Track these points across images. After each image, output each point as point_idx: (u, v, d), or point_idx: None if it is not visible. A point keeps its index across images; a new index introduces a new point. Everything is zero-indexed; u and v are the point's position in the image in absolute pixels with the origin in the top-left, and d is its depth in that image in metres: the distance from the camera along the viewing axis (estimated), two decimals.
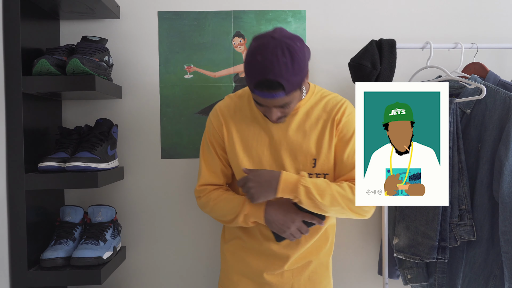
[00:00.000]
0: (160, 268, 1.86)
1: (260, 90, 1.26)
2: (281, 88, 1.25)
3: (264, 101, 1.30)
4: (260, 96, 1.28)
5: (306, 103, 1.45)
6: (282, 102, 1.30)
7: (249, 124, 1.46)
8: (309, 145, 1.43)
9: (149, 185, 1.84)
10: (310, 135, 1.43)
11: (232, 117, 1.46)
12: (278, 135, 1.43)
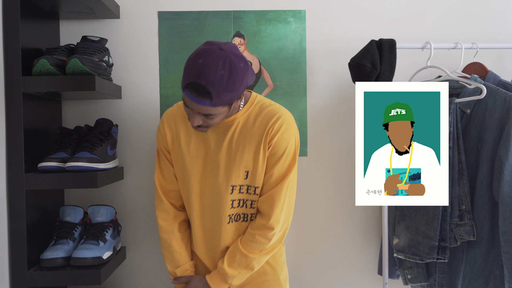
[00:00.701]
0: (160, 268, 1.86)
1: (189, 92, 1.26)
2: (208, 97, 1.24)
3: (189, 103, 1.29)
4: (187, 97, 1.28)
5: (244, 114, 1.43)
6: (206, 112, 1.29)
7: (191, 133, 1.47)
8: (242, 157, 1.42)
9: (149, 185, 1.84)
10: (245, 147, 1.42)
11: (177, 125, 1.49)
12: (216, 144, 1.44)
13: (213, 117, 1.31)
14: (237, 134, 1.42)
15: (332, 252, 1.88)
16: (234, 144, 1.43)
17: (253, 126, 1.42)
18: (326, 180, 1.87)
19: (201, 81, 1.23)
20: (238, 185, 1.43)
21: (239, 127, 1.43)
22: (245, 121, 1.43)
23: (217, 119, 1.34)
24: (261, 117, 1.42)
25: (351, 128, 1.80)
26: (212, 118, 1.32)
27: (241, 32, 1.84)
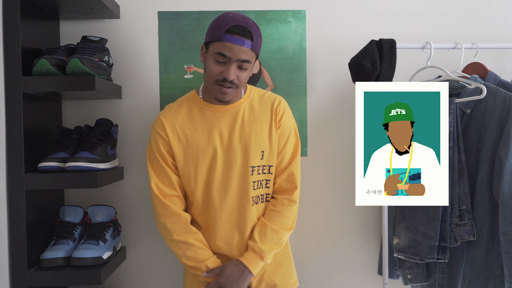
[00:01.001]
0: (160, 268, 1.86)
1: (231, 34, 1.34)
2: (250, 37, 1.36)
3: (230, 49, 1.35)
4: (230, 41, 1.35)
5: (246, 100, 1.53)
6: (244, 56, 1.37)
7: (197, 126, 1.49)
8: (257, 138, 1.49)
9: (149, 185, 1.84)
10: (257, 128, 1.50)
11: (178, 123, 1.50)
12: (228, 130, 1.49)
13: (245, 70, 1.41)
14: (247, 117, 1.50)
15: (332, 252, 1.88)
16: (246, 126, 1.49)
17: (260, 109, 1.52)
18: (326, 180, 1.87)
19: (242, 23, 1.35)
20: (256, 165, 1.49)
21: (246, 111, 1.51)
22: (249, 105, 1.52)
23: (247, 75, 1.43)
24: (264, 100, 1.53)
25: (351, 128, 1.80)
26: (244, 70, 1.41)
27: None
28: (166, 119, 1.50)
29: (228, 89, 1.41)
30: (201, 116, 1.50)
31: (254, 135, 1.48)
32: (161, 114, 1.52)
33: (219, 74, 1.40)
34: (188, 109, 1.52)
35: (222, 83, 1.40)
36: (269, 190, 1.54)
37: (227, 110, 1.50)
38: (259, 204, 1.53)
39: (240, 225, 1.50)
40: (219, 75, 1.40)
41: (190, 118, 1.50)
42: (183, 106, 1.53)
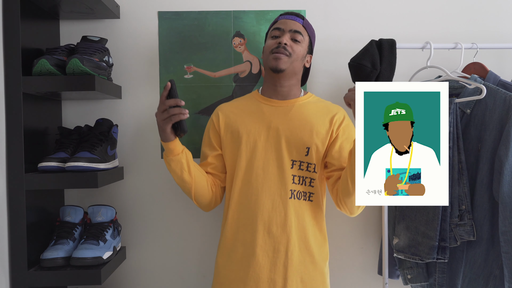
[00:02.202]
0: (160, 268, 1.86)
1: (284, 14, 1.58)
2: (301, 17, 1.57)
3: (283, 23, 1.54)
4: (282, 19, 1.56)
5: (304, 100, 1.58)
6: (296, 28, 1.53)
7: (250, 115, 1.56)
8: (303, 134, 1.51)
9: (149, 185, 1.84)
10: (306, 125, 1.52)
11: (231, 111, 1.59)
12: (277, 122, 1.53)
13: (299, 43, 1.53)
14: (298, 114, 1.54)
15: (332, 252, 1.88)
16: (296, 122, 1.52)
17: (315, 109, 1.56)
18: None
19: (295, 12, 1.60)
20: (298, 160, 1.50)
21: (300, 108, 1.55)
22: (305, 104, 1.57)
23: (300, 49, 1.53)
24: (323, 104, 1.59)
25: None
26: (297, 43, 1.53)
27: (241, 32, 1.84)
28: (221, 108, 1.63)
29: (281, 54, 1.49)
30: (256, 108, 1.57)
31: (301, 130, 1.51)
32: (219, 105, 1.65)
33: (274, 43, 1.52)
34: (245, 102, 1.62)
35: (276, 50, 1.51)
36: (313, 189, 1.54)
37: (282, 104, 1.56)
38: (300, 201, 1.52)
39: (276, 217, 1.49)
40: (274, 44, 1.52)
41: (245, 108, 1.59)
42: (242, 99, 1.65)
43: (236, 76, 1.85)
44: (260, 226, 1.48)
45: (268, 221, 1.49)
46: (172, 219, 1.85)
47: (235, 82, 1.85)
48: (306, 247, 1.52)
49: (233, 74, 1.85)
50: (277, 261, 1.47)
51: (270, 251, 1.48)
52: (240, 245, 1.51)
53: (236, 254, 1.51)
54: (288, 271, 1.47)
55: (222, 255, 1.55)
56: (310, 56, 1.63)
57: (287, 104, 1.56)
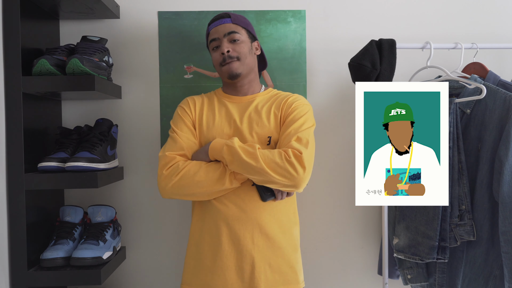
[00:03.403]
0: (160, 268, 1.86)
1: (212, 23, 1.57)
2: (227, 16, 1.55)
3: (215, 31, 1.55)
4: (212, 27, 1.56)
5: (264, 95, 1.60)
6: (229, 29, 1.53)
7: (214, 112, 1.57)
8: (264, 125, 1.52)
9: (149, 185, 1.84)
10: (268, 116, 1.53)
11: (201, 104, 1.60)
12: (239, 116, 1.55)
13: (239, 41, 1.54)
14: (259, 107, 1.56)
15: (332, 252, 1.88)
16: (254, 115, 1.54)
17: (274, 101, 1.57)
18: (326, 180, 1.87)
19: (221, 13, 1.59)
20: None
21: (260, 102, 1.58)
22: (265, 99, 1.59)
23: (243, 46, 1.54)
24: (280, 96, 1.60)
25: (351, 128, 1.80)
26: (238, 43, 1.53)
27: None
28: (193, 99, 1.62)
29: (231, 62, 1.52)
30: (219, 105, 1.59)
31: (262, 122, 1.52)
32: (188, 96, 1.64)
33: (219, 56, 1.54)
34: (209, 98, 1.63)
35: (223, 62, 1.53)
36: None
37: (242, 100, 1.58)
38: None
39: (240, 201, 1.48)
40: (220, 57, 1.54)
41: (210, 104, 1.60)
42: (205, 96, 1.64)
43: None
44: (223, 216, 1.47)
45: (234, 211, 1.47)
46: (172, 219, 1.85)
47: None
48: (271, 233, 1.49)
49: None
50: (243, 249, 1.46)
51: (235, 239, 1.47)
52: (207, 235, 1.50)
53: (203, 244, 1.50)
54: (255, 259, 1.47)
55: (190, 246, 1.55)
56: (257, 42, 1.62)
57: (247, 100, 1.58)
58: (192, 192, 1.45)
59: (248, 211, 1.47)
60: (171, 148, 1.50)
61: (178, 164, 1.46)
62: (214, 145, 1.46)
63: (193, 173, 1.44)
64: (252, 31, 1.61)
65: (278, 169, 1.38)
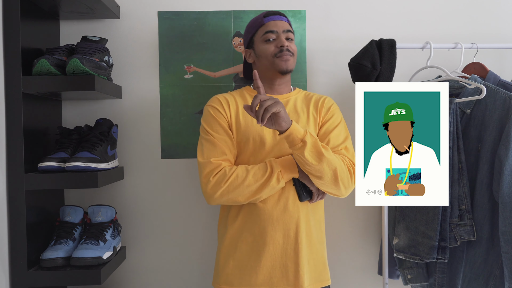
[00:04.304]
0: (160, 268, 1.86)
1: (270, 15, 1.57)
2: (284, 16, 1.59)
3: (274, 24, 1.55)
4: (270, 20, 1.56)
5: (295, 94, 1.61)
6: (287, 27, 1.56)
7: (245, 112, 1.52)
8: (303, 125, 1.52)
9: (149, 185, 1.84)
10: (306, 118, 1.54)
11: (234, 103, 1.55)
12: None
13: (292, 41, 1.57)
14: (296, 107, 1.56)
15: (332, 252, 1.88)
16: (295, 115, 1.54)
17: (309, 101, 1.58)
18: None
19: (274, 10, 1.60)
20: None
21: (295, 102, 1.58)
22: (299, 98, 1.60)
23: (294, 47, 1.56)
24: (312, 97, 1.60)
25: (351, 128, 1.80)
26: (292, 41, 1.57)
27: (241, 32, 1.84)
28: (224, 98, 1.55)
29: (287, 56, 1.52)
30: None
31: (300, 123, 1.52)
32: (217, 95, 1.58)
33: (275, 48, 1.53)
34: (241, 96, 1.59)
35: (280, 53, 1.52)
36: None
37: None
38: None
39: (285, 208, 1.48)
40: (275, 49, 1.53)
41: (244, 103, 1.55)
42: (236, 94, 1.60)
43: (236, 76, 1.85)
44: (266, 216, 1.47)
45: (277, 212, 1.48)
46: (172, 219, 1.85)
47: (235, 82, 1.85)
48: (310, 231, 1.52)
49: (233, 74, 1.85)
50: (288, 247, 1.48)
51: (279, 237, 1.48)
52: (249, 235, 1.49)
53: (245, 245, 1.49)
54: (299, 256, 1.48)
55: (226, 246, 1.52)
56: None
57: (282, 98, 1.57)
58: (242, 198, 1.44)
59: (290, 210, 1.48)
60: (212, 154, 1.46)
61: (225, 170, 1.43)
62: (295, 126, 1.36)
63: (242, 178, 1.42)
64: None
65: (342, 173, 1.44)
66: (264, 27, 1.55)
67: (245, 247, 1.49)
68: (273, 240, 1.47)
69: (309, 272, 1.50)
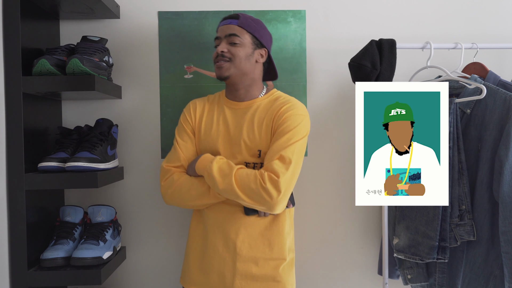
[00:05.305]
0: (160, 268, 1.86)
1: (221, 21, 1.56)
2: (235, 18, 1.53)
3: (220, 30, 1.54)
4: (220, 25, 1.55)
5: (262, 101, 1.57)
6: (232, 31, 1.51)
7: (213, 117, 1.58)
8: (253, 137, 1.51)
9: (149, 185, 1.84)
10: (260, 128, 1.51)
11: (202, 109, 1.61)
12: (235, 125, 1.54)
13: (237, 45, 1.51)
14: (255, 117, 1.53)
15: (332, 252, 1.88)
16: (250, 125, 1.52)
17: (268, 111, 1.53)
18: (326, 180, 1.87)
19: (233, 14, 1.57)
20: (252, 162, 1.51)
21: (257, 111, 1.54)
22: (262, 106, 1.55)
23: (240, 50, 1.51)
24: (275, 104, 1.54)
25: (351, 128, 1.80)
26: (236, 45, 1.51)
27: None
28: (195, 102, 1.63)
29: (221, 62, 1.51)
30: (218, 110, 1.59)
31: (252, 133, 1.51)
32: (192, 100, 1.65)
33: (215, 53, 1.54)
34: (211, 102, 1.63)
35: (216, 59, 1.53)
36: None
37: (239, 107, 1.57)
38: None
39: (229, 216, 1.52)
40: (214, 54, 1.54)
41: (210, 109, 1.60)
42: (209, 99, 1.64)
43: None
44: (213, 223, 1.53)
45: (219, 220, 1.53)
46: (172, 219, 1.85)
47: None
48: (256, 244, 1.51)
49: None
50: (226, 256, 1.51)
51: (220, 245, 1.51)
52: (199, 238, 1.58)
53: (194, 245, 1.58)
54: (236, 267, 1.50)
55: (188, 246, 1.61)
56: (264, 50, 1.56)
57: (244, 106, 1.56)
58: (186, 204, 1.54)
59: (232, 220, 1.52)
60: (170, 159, 1.56)
61: (173, 177, 1.52)
62: (198, 166, 1.50)
63: (186, 188, 1.51)
64: (260, 38, 1.54)
65: (252, 195, 1.40)
66: (216, 34, 1.57)
67: (197, 248, 1.57)
68: (213, 245, 1.52)
69: (251, 286, 1.50)
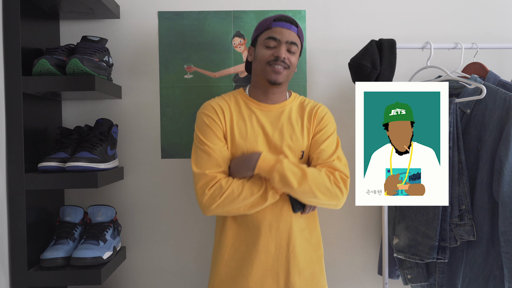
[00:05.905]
0: (160, 268, 1.86)
1: (279, 21, 1.49)
2: (295, 24, 1.50)
3: (279, 32, 1.47)
4: (278, 26, 1.48)
5: (291, 102, 1.56)
6: (292, 39, 1.48)
7: (244, 118, 1.51)
8: (296, 138, 1.50)
9: (149, 185, 1.84)
10: (300, 130, 1.51)
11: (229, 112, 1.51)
12: (271, 128, 1.50)
13: (293, 54, 1.49)
14: (291, 119, 1.52)
15: (332, 252, 1.88)
16: (288, 127, 1.51)
17: (303, 113, 1.53)
18: None
19: (287, 15, 1.52)
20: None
21: (291, 112, 1.53)
22: (295, 108, 1.55)
23: (295, 60, 1.51)
24: (307, 106, 1.55)
25: (351, 128, 1.80)
26: (293, 54, 1.49)
27: (241, 32, 1.84)
28: (218, 107, 1.50)
29: (280, 68, 1.47)
30: (248, 112, 1.52)
31: (294, 136, 1.49)
32: (210, 104, 1.52)
33: (271, 55, 1.47)
34: (235, 103, 1.54)
35: (274, 62, 1.47)
36: None
37: (272, 109, 1.53)
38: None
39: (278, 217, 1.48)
40: (271, 56, 1.47)
41: (238, 111, 1.52)
42: (229, 100, 1.54)
43: (236, 76, 1.85)
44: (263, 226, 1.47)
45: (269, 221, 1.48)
46: (172, 219, 1.85)
47: (235, 82, 1.85)
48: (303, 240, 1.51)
49: (233, 74, 1.85)
50: (279, 256, 1.48)
51: (272, 247, 1.47)
52: (241, 244, 1.49)
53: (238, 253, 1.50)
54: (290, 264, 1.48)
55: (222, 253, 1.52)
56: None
57: (277, 108, 1.53)
58: (237, 210, 1.43)
59: (283, 220, 1.48)
60: (207, 165, 1.43)
61: (221, 184, 1.41)
62: (262, 166, 1.40)
63: (238, 193, 1.41)
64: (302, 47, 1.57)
65: (328, 193, 1.42)
66: (269, 31, 1.48)
67: (238, 255, 1.49)
68: (266, 248, 1.47)
69: (302, 280, 1.49)
